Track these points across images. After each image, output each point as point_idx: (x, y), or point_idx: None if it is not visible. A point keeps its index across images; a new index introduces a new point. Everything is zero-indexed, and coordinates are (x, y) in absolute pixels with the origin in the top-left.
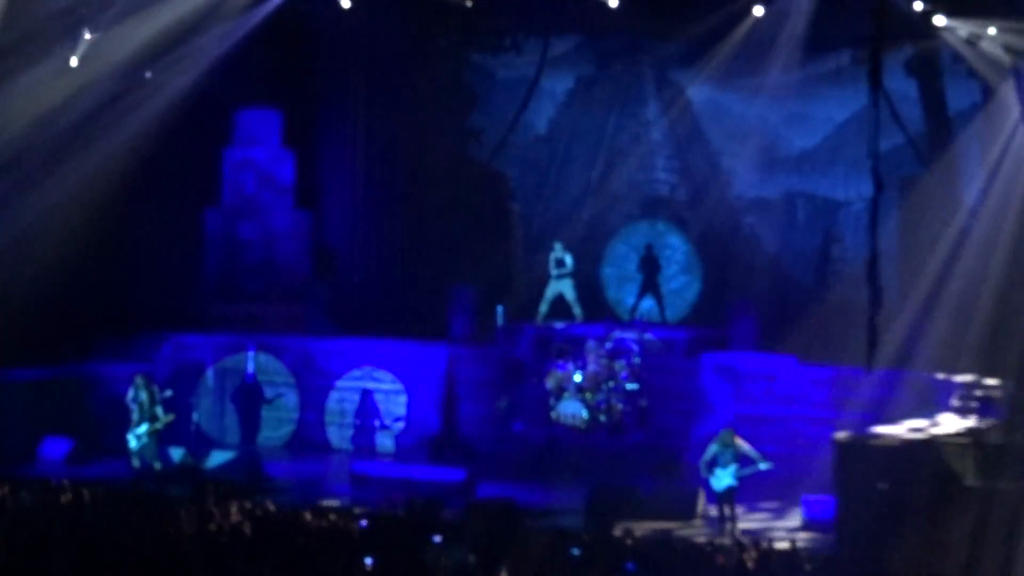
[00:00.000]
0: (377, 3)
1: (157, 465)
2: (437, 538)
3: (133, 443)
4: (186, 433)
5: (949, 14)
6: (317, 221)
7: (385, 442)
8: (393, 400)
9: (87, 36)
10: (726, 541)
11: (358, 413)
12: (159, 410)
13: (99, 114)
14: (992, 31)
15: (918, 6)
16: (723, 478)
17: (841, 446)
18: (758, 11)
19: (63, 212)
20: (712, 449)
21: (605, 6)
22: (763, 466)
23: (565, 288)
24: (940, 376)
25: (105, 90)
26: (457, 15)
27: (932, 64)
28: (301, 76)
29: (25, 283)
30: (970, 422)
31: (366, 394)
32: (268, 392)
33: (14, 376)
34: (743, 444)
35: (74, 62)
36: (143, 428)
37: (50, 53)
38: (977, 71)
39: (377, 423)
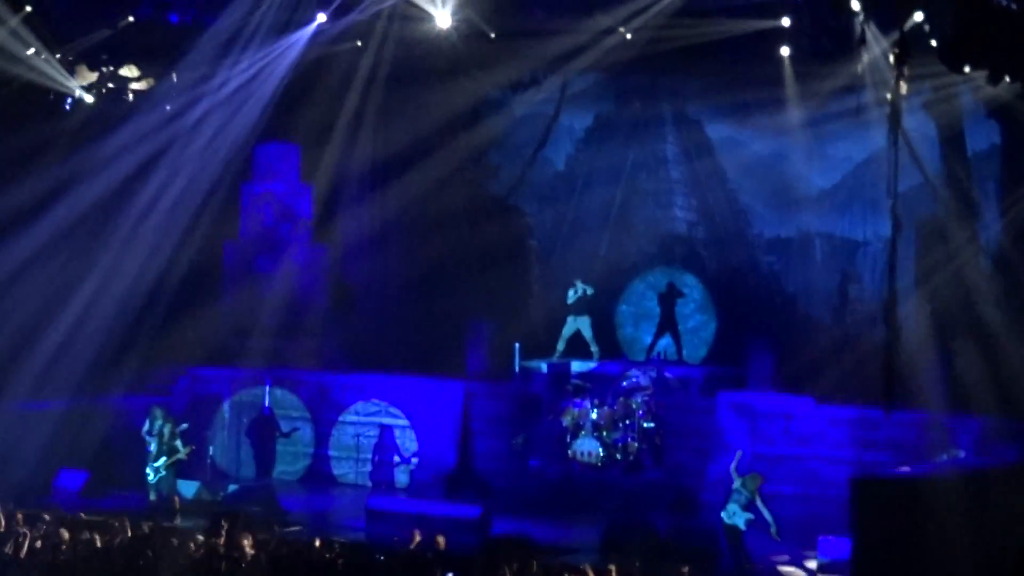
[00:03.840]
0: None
1: (175, 498)
2: (450, 574)
3: (151, 476)
4: (201, 466)
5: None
6: (334, 255)
7: (401, 477)
8: (409, 435)
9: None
10: None
11: (376, 448)
12: (179, 443)
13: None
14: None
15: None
16: (733, 515)
17: (858, 486)
18: (784, 51)
19: (84, 243)
20: (735, 481)
21: (625, 42)
22: (772, 531)
23: (583, 325)
24: (958, 416)
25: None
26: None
27: (951, 105)
28: (319, 110)
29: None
30: (987, 462)
31: (386, 430)
32: (284, 426)
33: (31, 407)
34: (761, 502)
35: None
36: (162, 461)
37: None
38: (995, 113)
39: (396, 459)
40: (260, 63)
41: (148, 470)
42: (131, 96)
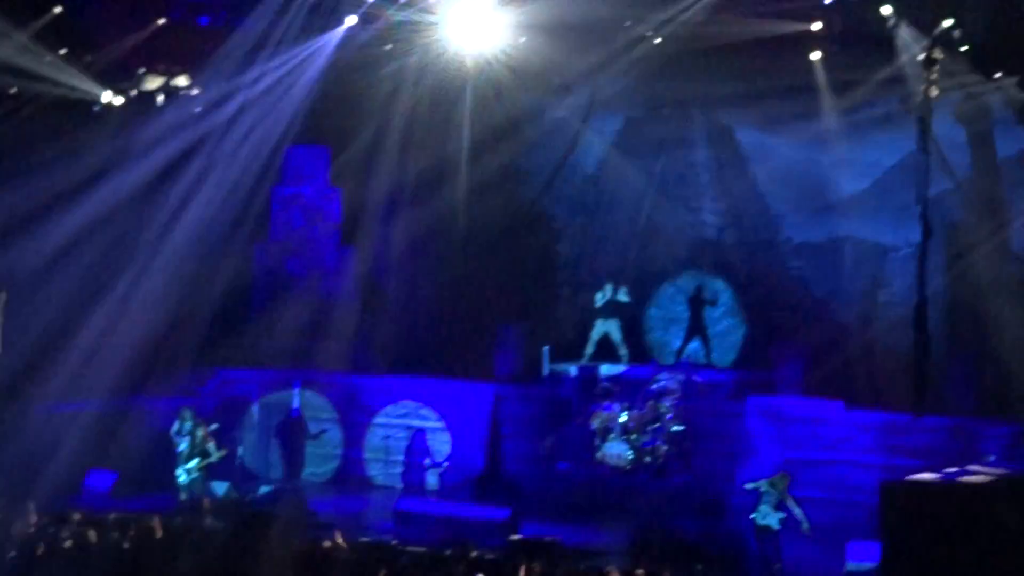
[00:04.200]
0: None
1: (205, 500)
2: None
3: (183, 477)
4: (230, 467)
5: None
6: (364, 258)
7: (429, 480)
8: (438, 437)
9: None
10: None
11: (408, 451)
12: (211, 446)
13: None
14: None
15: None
16: (766, 515)
17: (888, 491)
18: (815, 56)
19: (116, 247)
20: (761, 484)
21: (655, 48)
22: (804, 527)
23: (612, 329)
24: (988, 422)
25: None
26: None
27: (981, 111)
28: (351, 114)
29: (74, 318)
30: (1018, 468)
31: (418, 433)
32: (312, 428)
33: (62, 409)
34: (791, 499)
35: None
36: (194, 463)
37: None
38: None
39: (427, 461)
40: (290, 65)
41: (179, 471)
42: (161, 100)
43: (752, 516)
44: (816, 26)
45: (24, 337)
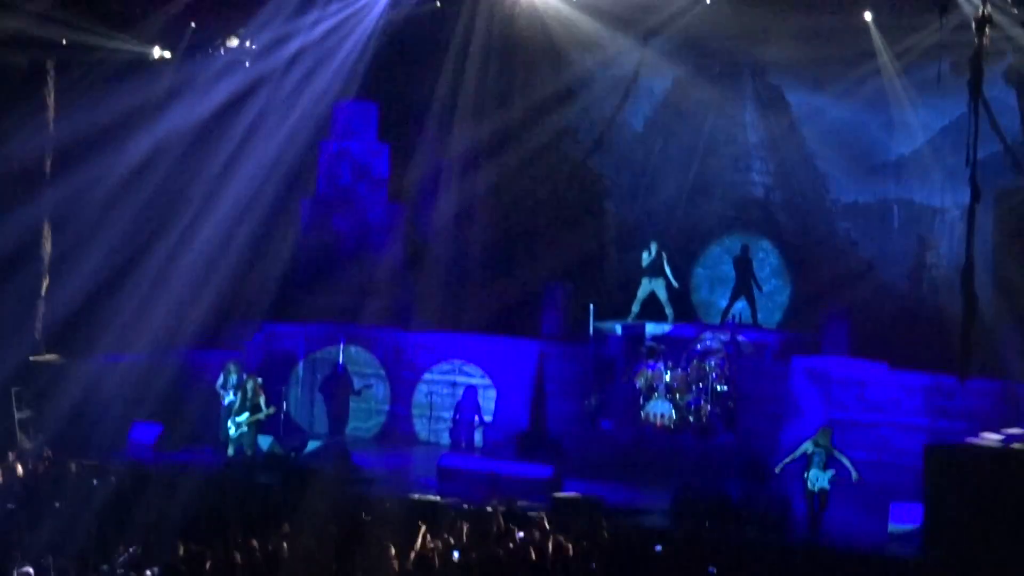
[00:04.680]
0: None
1: (250, 453)
2: (520, 534)
3: (232, 431)
4: (275, 422)
5: None
6: (411, 214)
7: (478, 437)
8: (482, 395)
9: None
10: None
11: (458, 408)
12: (262, 400)
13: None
14: None
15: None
16: (820, 479)
17: (932, 454)
18: (867, 16)
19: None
20: (806, 447)
21: (706, 7)
22: (854, 476)
23: (657, 288)
24: None
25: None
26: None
27: None
28: (398, 70)
29: (119, 272)
30: None
31: (469, 390)
32: (357, 383)
33: (109, 360)
34: (837, 451)
35: None
36: (244, 416)
37: None
38: None
39: (476, 419)
40: (341, 18)
41: (229, 424)
42: (215, 53)
43: (806, 478)
44: None
45: (75, 289)
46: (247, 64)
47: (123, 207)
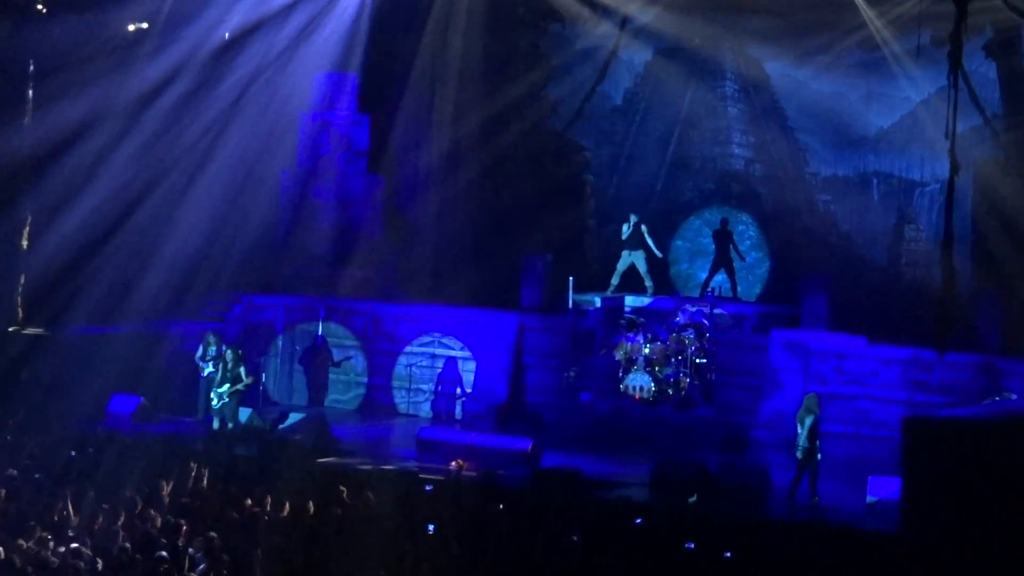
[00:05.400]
0: None
1: (231, 425)
2: (500, 506)
3: (215, 402)
4: (255, 394)
5: None
6: (390, 186)
7: (458, 408)
8: (461, 367)
9: None
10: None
11: (439, 380)
12: (242, 371)
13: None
14: None
15: None
16: (804, 448)
17: (910, 427)
18: None
19: (143, 172)
20: (810, 420)
21: None
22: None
23: (637, 260)
24: (1011, 359)
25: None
26: None
27: (1011, 46)
28: (379, 41)
29: (98, 242)
30: None
31: (449, 361)
32: (337, 355)
33: (85, 331)
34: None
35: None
36: (224, 388)
37: None
38: None
39: (458, 391)
40: None
41: (212, 395)
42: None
43: (797, 455)
44: None
45: (54, 259)
46: (226, 35)
47: (101, 179)
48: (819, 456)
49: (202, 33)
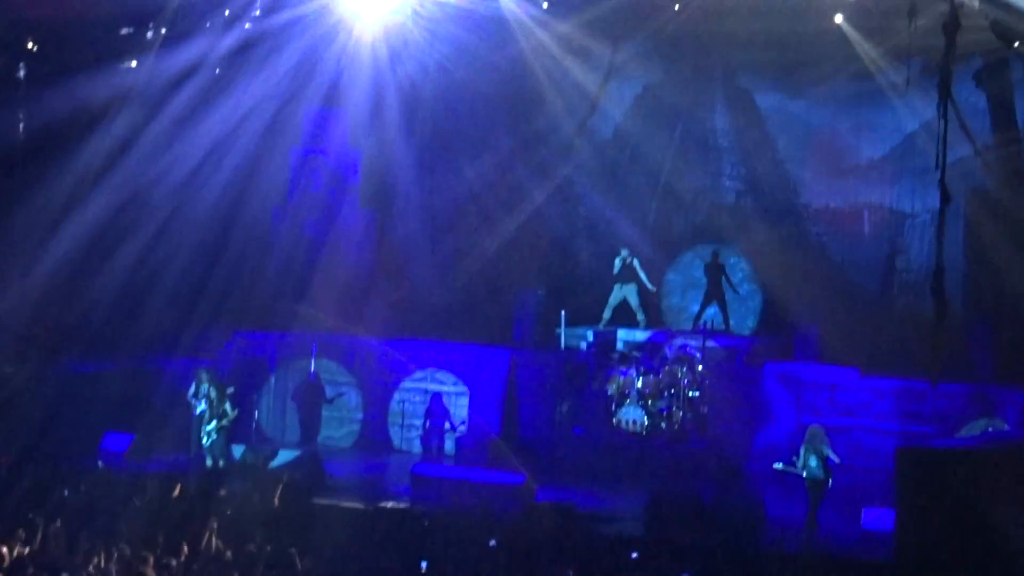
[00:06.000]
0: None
1: (221, 463)
2: (492, 542)
3: (205, 440)
4: (247, 430)
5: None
6: (382, 221)
7: (446, 444)
8: (455, 402)
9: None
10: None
11: (427, 415)
12: (227, 406)
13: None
14: None
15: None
16: (814, 467)
17: (904, 457)
18: (838, 19)
19: (132, 207)
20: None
21: (675, 11)
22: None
23: (629, 294)
24: (1004, 389)
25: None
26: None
27: (1002, 76)
28: (369, 77)
29: (92, 278)
30: None
31: (436, 397)
32: (330, 391)
33: (78, 369)
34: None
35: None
36: (212, 425)
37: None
38: None
39: (447, 425)
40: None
41: (202, 434)
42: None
43: (803, 474)
44: None
45: (43, 295)
46: (216, 71)
47: (90, 212)
48: (822, 479)
49: (192, 65)
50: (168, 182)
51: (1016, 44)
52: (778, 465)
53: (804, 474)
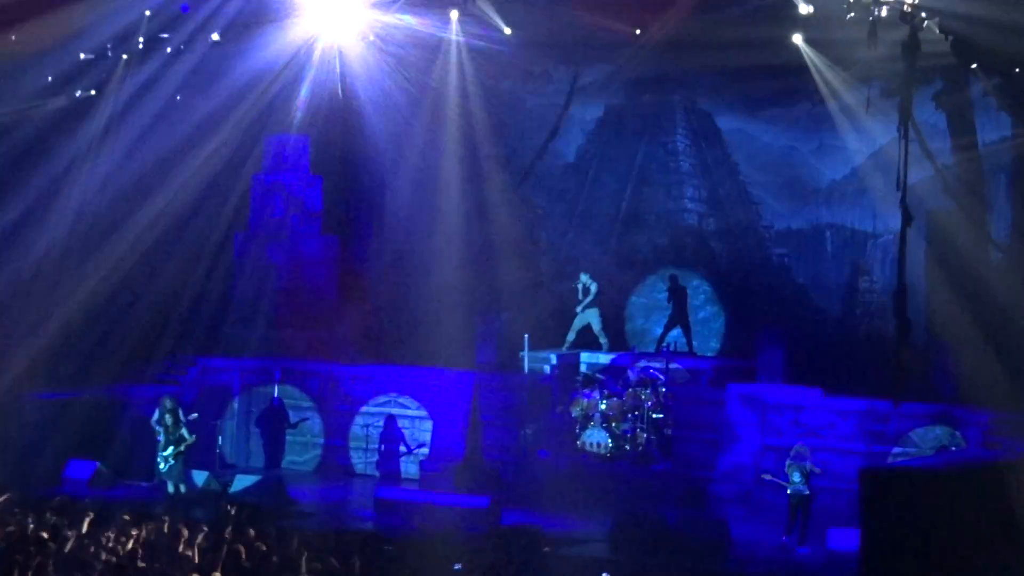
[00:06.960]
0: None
1: (182, 488)
2: (457, 566)
3: (162, 466)
4: (210, 456)
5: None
6: (344, 246)
7: (410, 468)
8: (418, 426)
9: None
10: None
11: (383, 438)
12: (184, 431)
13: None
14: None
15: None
16: (798, 483)
17: (867, 478)
18: (798, 39)
19: (93, 235)
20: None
21: (636, 37)
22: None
23: (592, 318)
24: (966, 409)
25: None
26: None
27: (961, 97)
28: (331, 104)
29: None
30: (996, 454)
31: (390, 419)
32: (293, 416)
33: (43, 397)
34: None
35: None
36: (170, 450)
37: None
38: (1006, 104)
39: (403, 448)
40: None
41: (159, 460)
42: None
43: (788, 491)
44: (803, 9)
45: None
46: (178, 98)
47: (45, 239)
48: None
49: (155, 91)
50: (129, 209)
51: (974, 65)
52: (766, 476)
53: (788, 490)
